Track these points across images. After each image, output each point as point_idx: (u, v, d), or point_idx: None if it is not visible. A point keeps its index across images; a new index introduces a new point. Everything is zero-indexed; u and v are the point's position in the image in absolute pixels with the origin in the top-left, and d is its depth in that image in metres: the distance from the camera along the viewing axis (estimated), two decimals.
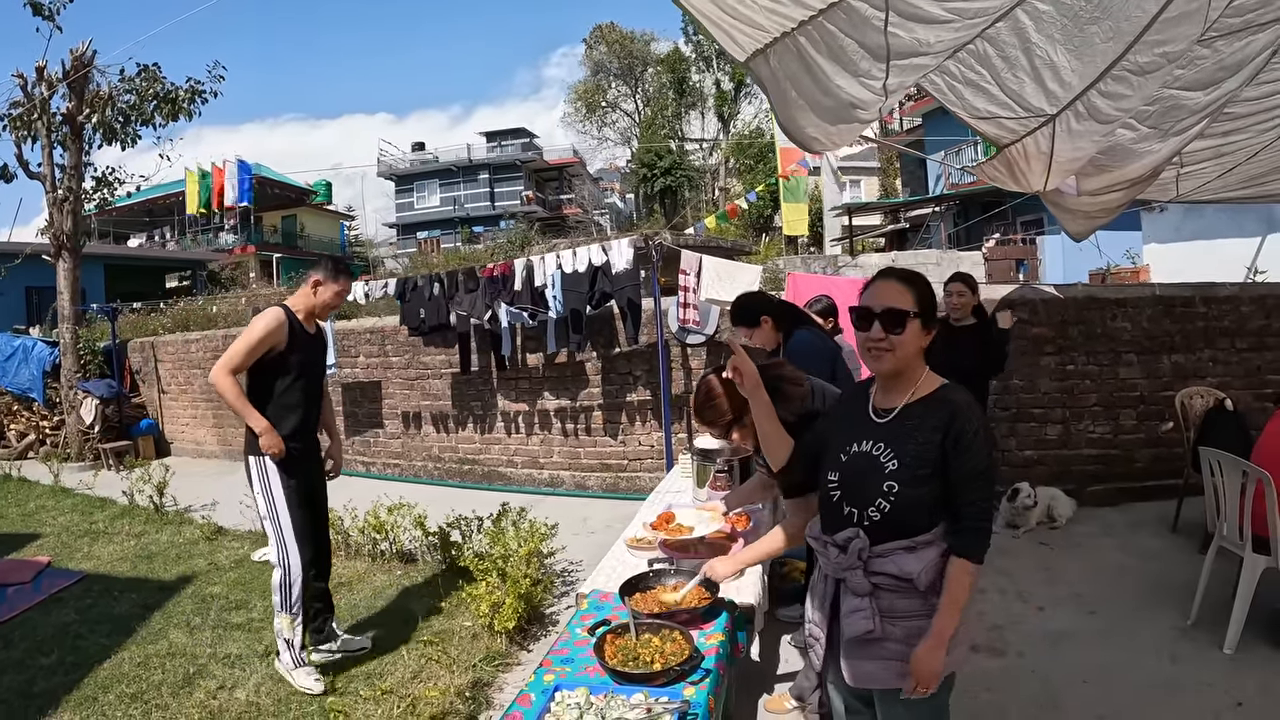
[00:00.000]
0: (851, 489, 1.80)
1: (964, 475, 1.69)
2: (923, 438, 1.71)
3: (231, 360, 3.34)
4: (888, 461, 1.74)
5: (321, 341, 3.71)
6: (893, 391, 1.82)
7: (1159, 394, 5.37)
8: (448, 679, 3.32)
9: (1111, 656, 3.28)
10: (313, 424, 3.63)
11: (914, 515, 1.73)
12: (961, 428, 1.70)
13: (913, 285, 1.80)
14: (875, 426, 1.81)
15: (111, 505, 7.06)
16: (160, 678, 3.56)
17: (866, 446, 1.79)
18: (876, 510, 1.74)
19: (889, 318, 1.74)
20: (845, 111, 3.15)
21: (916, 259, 12.92)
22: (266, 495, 3.39)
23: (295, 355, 3.44)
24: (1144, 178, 4.26)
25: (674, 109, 36.43)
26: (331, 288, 3.51)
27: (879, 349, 1.75)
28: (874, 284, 1.83)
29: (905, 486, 1.71)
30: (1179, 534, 4.64)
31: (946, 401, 1.76)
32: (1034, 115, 3.46)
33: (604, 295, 5.77)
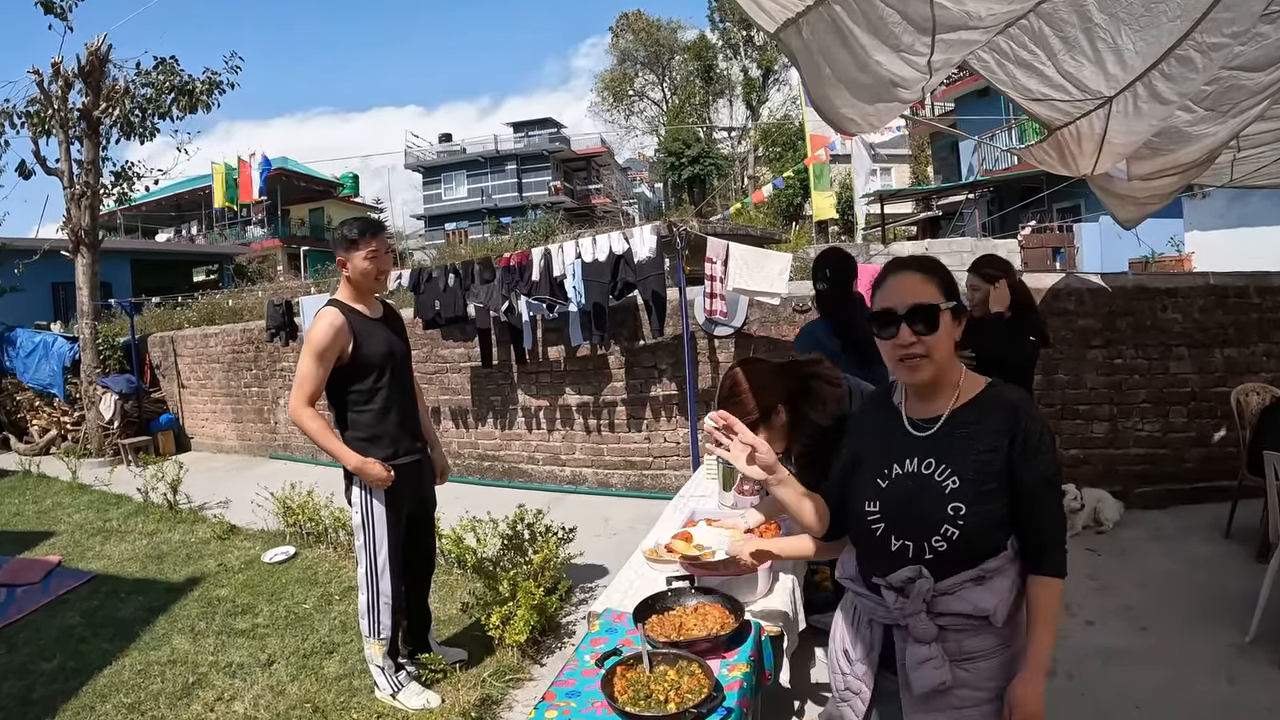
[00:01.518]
0: (901, 519, 1.54)
1: (1036, 483, 1.48)
2: (984, 446, 1.49)
3: (303, 387, 2.96)
4: (946, 480, 1.49)
5: (395, 322, 3.28)
6: (932, 398, 1.59)
7: (1211, 390, 5.06)
8: (454, 695, 3.19)
9: (1164, 677, 3.04)
10: (413, 423, 3.24)
11: (984, 539, 1.50)
12: (1028, 429, 1.49)
13: (934, 274, 1.57)
14: (919, 441, 1.56)
15: (127, 502, 7.08)
16: (159, 687, 3.50)
17: (913, 466, 1.54)
18: (942, 539, 1.48)
19: (918, 317, 1.51)
20: (885, 90, 2.89)
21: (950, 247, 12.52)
22: (366, 523, 3.07)
23: (368, 349, 3.04)
24: (1199, 162, 3.96)
25: (701, 97, 36.04)
26: (358, 255, 3.03)
27: (913, 356, 1.52)
28: (888, 281, 1.58)
29: (973, 506, 1.47)
30: (1232, 540, 4.34)
31: (1002, 401, 1.54)
32: (1090, 98, 3.18)
33: (626, 285, 5.52)
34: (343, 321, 2.99)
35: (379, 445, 3.06)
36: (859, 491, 1.63)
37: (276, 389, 8.87)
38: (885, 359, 1.57)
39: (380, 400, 3.08)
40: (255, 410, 9.20)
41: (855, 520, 1.64)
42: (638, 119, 39.25)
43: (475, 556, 3.83)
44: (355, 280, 3.09)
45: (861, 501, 1.61)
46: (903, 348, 1.52)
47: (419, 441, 3.27)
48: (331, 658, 3.66)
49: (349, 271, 3.07)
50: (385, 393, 3.09)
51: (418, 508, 3.31)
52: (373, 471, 2.98)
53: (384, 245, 3.13)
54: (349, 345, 3.00)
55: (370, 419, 3.07)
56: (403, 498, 3.14)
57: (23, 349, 10.44)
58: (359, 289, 3.12)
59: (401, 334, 3.29)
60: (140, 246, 21.39)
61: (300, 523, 5.50)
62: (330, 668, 3.56)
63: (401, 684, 3.18)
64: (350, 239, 3.05)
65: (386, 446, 3.08)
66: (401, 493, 3.12)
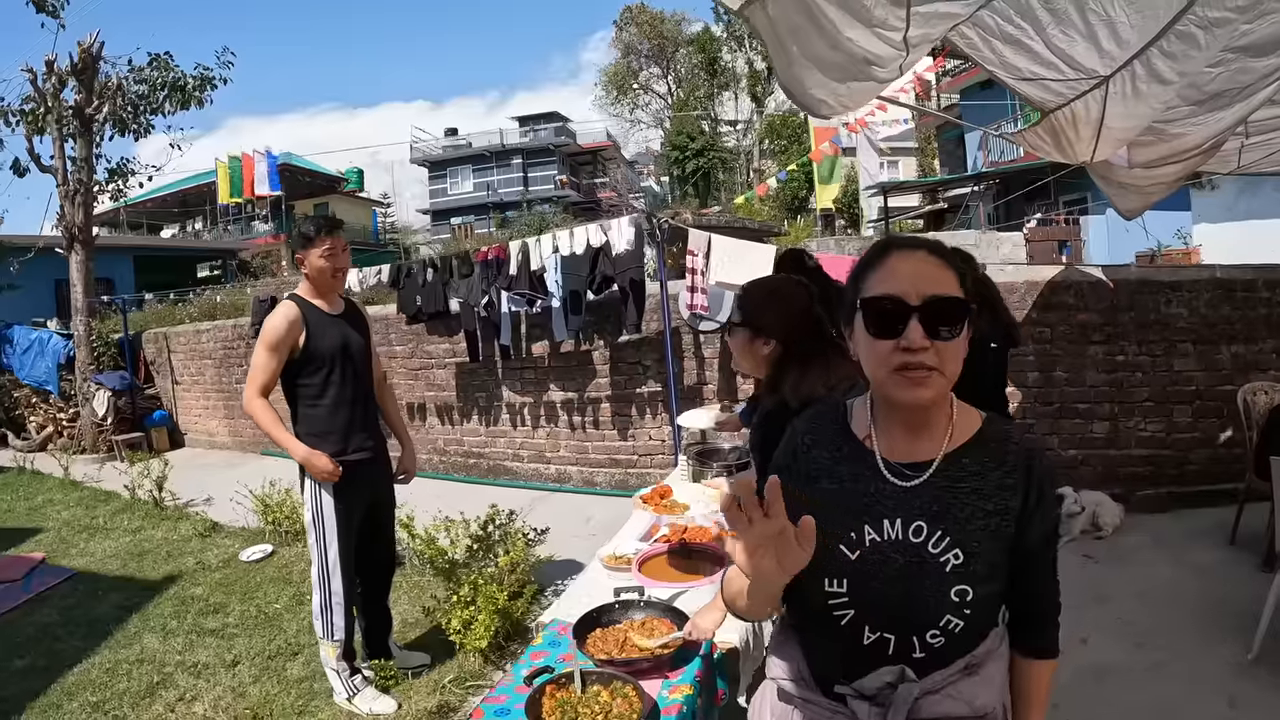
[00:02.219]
0: (883, 607, 1.15)
1: (1037, 545, 1.18)
2: (992, 505, 1.14)
3: (256, 378, 2.95)
4: (945, 553, 1.12)
5: (355, 319, 3.22)
6: (919, 434, 1.18)
7: (1217, 388, 4.84)
8: (411, 701, 3.10)
9: (1159, 697, 2.84)
10: (367, 419, 3.18)
11: (985, 623, 1.19)
12: (1043, 484, 1.16)
13: (951, 261, 1.16)
14: (902, 495, 1.16)
15: (115, 499, 7.08)
16: (125, 685, 3.50)
17: (896, 531, 1.15)
18: (940, 634, 1.13)
19: (940, 313, 1.09)
20: (858, 69, 2.72)
21: (955, 239, 12.32)
22: (317, 520, 3.03)
23: (319, 343, 3.00)
24: (1204, 149, 3.76)
25: (706, 90, 35.83)
26: (314, 252, 3.00)
27: (919, 369, 1.08)
28: (890, 261, 1.15)
29: (981, 586, 1.12)
30: (1238, 547, 4.12)
31: (1011, 444, 1.18)
32: (1085, 77, 3.00)
33: (606, 279, 5.40)
34: (297, 314, 2.98)
35: (328, 441, 3.01)
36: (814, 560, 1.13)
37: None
38: (872, 368, 1.14)
39: (332, 395, 3.04)
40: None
41: (807, 600, 1.21)
42: (643, 112, 39.10)
43: (444, 558, 3.73)
44: (312, 277, 3.06)
45: (818, 576, 1.16)
46: (909, 353, 1.08)
47: (372, 440, 3.19)
48: (295, 659, 3.63)
49: (306, 269, 3.05)
50: (337, 388, 3.05)
51: (373, 507, 3.24)
52: (318, 463, 2.92)
53: (340, 244, 3.09)
54: (301, 338, 2.97)
55: (321, 414, 3.03)
56: (354, 495, 3.08)
57: (19, 346, 10.48)
58: (317, 286, 3.08)
59: (362, 331, 3.23)
60: (143, 243, 21.42)
61: (278, 520, 5.44)
62: (293, 670, 3.52)
63: (357, 688, 3.13)
64: (307, 236, 3.03)
65: (336, 442, 3.02)
66: (352, 490, 3.06)
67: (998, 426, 1.22)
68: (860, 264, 1.22)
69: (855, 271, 1.21)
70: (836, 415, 1.29)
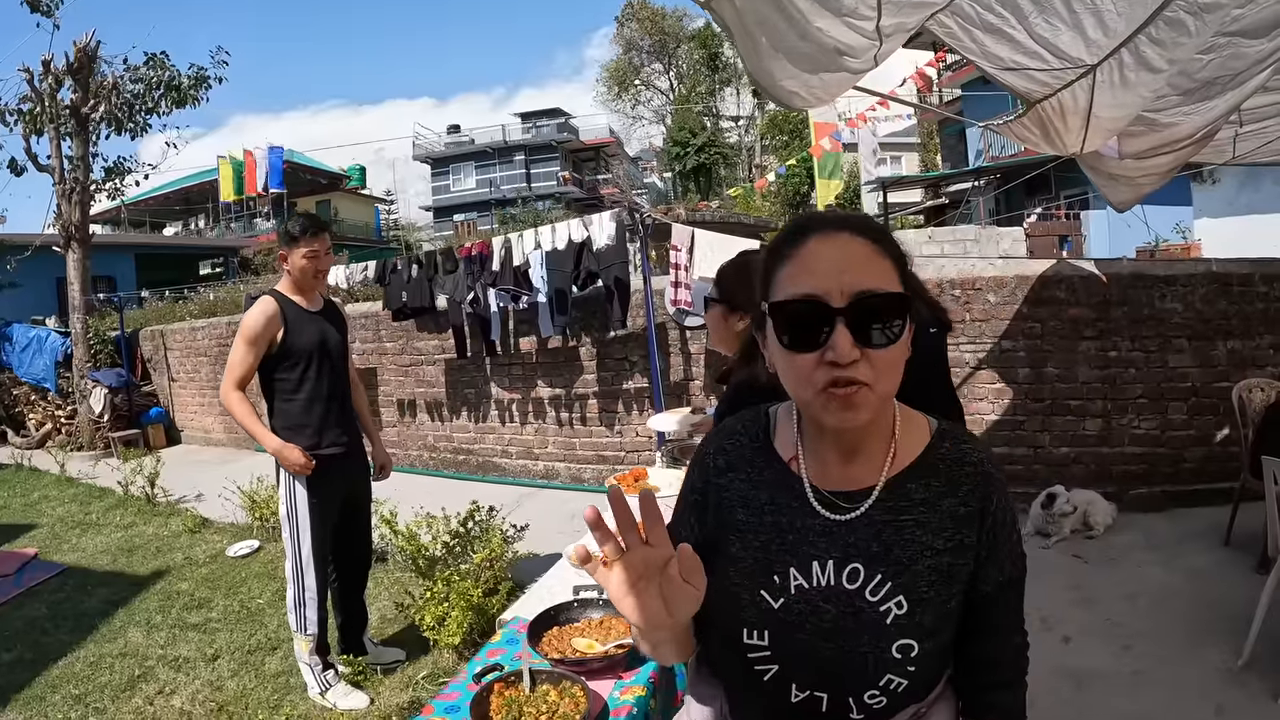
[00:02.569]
0: (811, 664, 0.96)
1: (997, 589, 0.98)
2: (942, 541, 0.94)
3: (231, 372, 2.99)
4: (885, 600, 0.93)
5: (334, 317, 3.27)
6: (854, 455, 0.98)
7: (1213, 385, 4.74)
8: (384, 699, 3.11)
9: (1145, 704, 2.76)
10: (342, 415, 3.21)
11: (933, 677, 1.02)
12: (1000, 510, 0.97)
13: (885, 243, 0.93)
14: (835, 529, 0.96)
15: (109, 496, 7.11)
16: (107, 679, 3.55)
17: (825, 574, 0.95)
18: (881, 694, 0.95)
19: (872, 314, 0.87)
20: (829, 59, 2.65)
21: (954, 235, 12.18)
22: (291, 514, 3.06)
23: (297, 339, 3.04)
24: (1197, 138, 3.67)
25: (708, 85, 35.70)
26: (298, 252, 3.05)
27: (849, 384, 0.86)
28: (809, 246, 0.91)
29: (929, 640, 0.94)
30: (1232, 548, 4.04)
31: (964, 462, 0.98)
32: (1071, 66, 2.92)
33: (590, 275, 5.36)
34: (275, 309, 3.01)
35: (302, 435, 3.04)
36: (730, 606, 0.99)
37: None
38: (792, 386, 0.92)
39: (307, 391, 3.07)
40: None
41: (726, 650, 1.03)
42: (645, 108, 38.99)
43: (423, 554, 3.72)
44: (294, 276, 3.10)
45: (737, 625, 0.99)
46: (837, 368, 0.86)
47: (346, 435, 3.22)
48: (274, 654, 3.66)
49: (289, 267, 3.09)
50: (313, 384, 3.08)
51: (348, 502, 3.26)
52: (290, 456, 2.95)
53: (324, 246, 3.15)
54: (279, 333, 3.01)
55: (296, 408, 3.06)
56: (328, 490, 3.11)
57: (18, 344, 10.53)
58: (298, 284, 3.12)
59: (340, 329, 3.27)
60: (145, 240, 21.52)
61: (265, 516, 5.46)
62: (271, 664, 3.56)
63: (330, 683, 3.16)
64: (292, 236, 3.07)
65: (310, 436, 3.05)
66: (326, 484, 3.09)
67: (950, 444, 1.00)
68: (769, 251, 0.97)
69: (764, 263, 0.98)
70: (755, 430, 1.07)
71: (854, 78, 2.84)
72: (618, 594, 0.85)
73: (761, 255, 1.03)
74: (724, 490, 1.04)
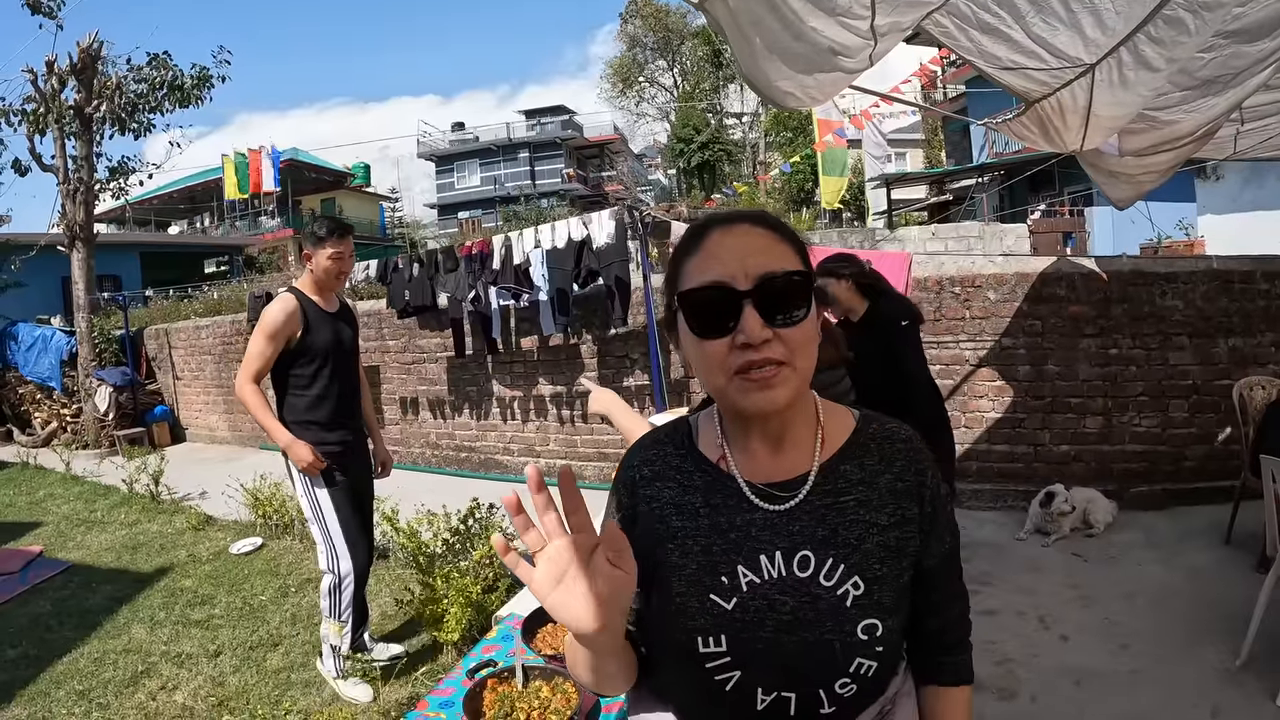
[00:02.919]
0: (776, 662, 0.93)
1: (938, 561, 1.01)
2: (886, 517, 0.96)
3: (248, 365, 3.04)
4: (841, 583, 0.93)
5: (348, 317, 3.35)
6: (782, 444, 0.97)
7: (1214, 382, 4.72)
8: (384, 695, 3.14)
9: (1141, 704, 2.75)
10: (352, 412, 3.31)
11: (896, 658, 1.02)
12: (935, 482, 1.00)
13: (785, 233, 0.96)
14: (777, 520, 0.95)
15: (114, 494, 7.13)
16: (110, 675, 3.57)
17: (776, 566, 0.94)
18: (853, 681, 0.93)
19: (779, 294, 0.88)
20: (823, 60, 2.65)
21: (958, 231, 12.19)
22: (310, 498, 3.14)
23: (315, 337, 3.10)
24: (1197, 136, 3.66)
25: (711, 82, 35.59)
26: (323, 253, 3.11)
27: (767, 364, 0.87)
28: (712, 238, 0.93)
29: (891, 617, 0.94)
30: (1233, 546, 4.03)
31: (895, 438, 1.01)
32: (1069, 65, 2.91)
33: (591, 273, 5.37)
34: (296, 307, 3.07)
35: (309, 430, 3.09)
36: (678, 617, 0.96)
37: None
38: (708, 376, 0.92)
39: (318, 388, 3.13)
40: None
41: (679, 664, 0.98)
42: (649, 105, 38.91)
43: (424, 551, 3.74)
44: (317, 276, 3.15)
45: (689, 635, 0.94)
46: (749, 349, 0.87)
47: (352, 434, 3.29)
48: (276, 650, 3.70)
49: (312, 266, 3.14)
50: (324, 382, 3.14)
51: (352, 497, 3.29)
52: (300, 451, 3.00)
53: (349, 249, 3.22)
54: (298, 330, 3.06)
55: (305, 404, 3.12)
56: (340, 480, 3.17)
57: (24, 343, 10.59)
58: (319, 285, 3.18)
59: (353, 330, 3.36)
60: (149, 239, 21.60)
61: (268, 514, 5.49)
62: (273, 660, 3.59)
63: (347, 672, 3.22)
64: (318, 236, 3.12)
65: (317, 431, 3.11)
66: (337, 476, 3.16)
67: (876, 425, 1.03)
68: (675, 251, 0.98)
69: (671, 262, 0.99)
70: (678, 438, 1.06)
71: (849, 77, 2.84)
72: (543, 589, 0.78)
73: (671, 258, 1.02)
74: (654, 501, 1.01)
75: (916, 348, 3.33)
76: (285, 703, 3.13)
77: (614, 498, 1.08)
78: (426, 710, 1.83)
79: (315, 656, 3.43)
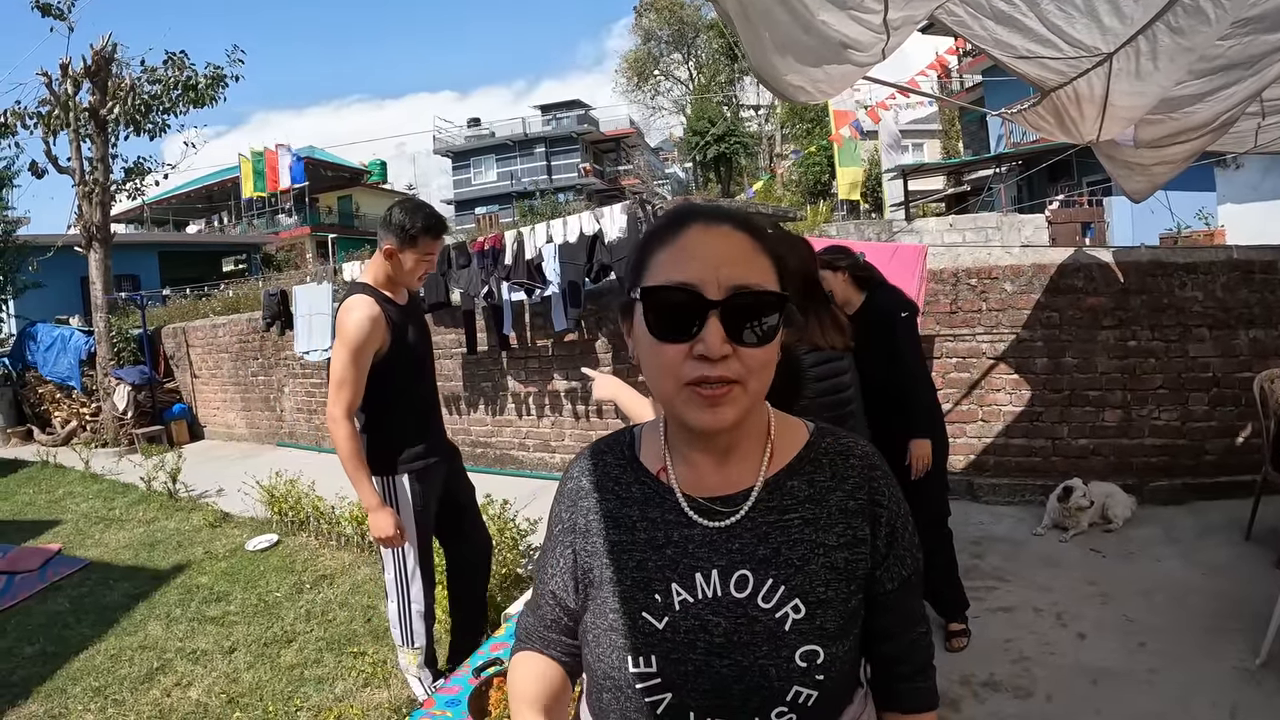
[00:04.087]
0: (708, 688, 0.88)
1: (897, 587, 0.94)
2: (837, 537, 0.91)
3: (342, 391, 2.58)
4: (780, 605, 0.88)
5: (418, 309, 2.99)
6: (727, 457, 0.93)
7: (1235, 375, 4.63)
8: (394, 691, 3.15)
9: (1158, 704, 2.70)
10: (439, 419, 2.98)
11: (845, 687, 0.96)
12: (893, 503, 0.94)
13: (763, 238, 0.90)
14: (716, 537, 0.91)
15: (133, 491, 7.21)
16: (126, 671, 3.61)
17: (711, 585, 0.89)
18: (790, 710, 0.88)
19: (747, 311, 0.83)
20: (834, 53, 2.61)
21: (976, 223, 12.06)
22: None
23: (405, 343, 2.74)
24: (1214, 126, 3.59)
25: (727, 75, 35.41)
26: (412, 254, 2.69)
27: (721, 382, 0.83)
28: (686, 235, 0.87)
29: (834, 644, 0.89)
30: (1254, 542, 3.94)
31: (848, 455, 0.95)
32: (1086, 54, 2.85)
33: (604, 267, 5.35)
34: (379, 312, 2.65)
35: (406, 449, 2.78)
36: (606, 636, 0.93)
37: (281, 377, 8.91)
38: (657, 379, 0.88)
39: (411, 398, 2.80)
40: (262, 399, 9.25)
41: (607, 685, 0.94)
42: (664, 98, 38.81)
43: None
44: (396, 274, 2.75)
45: (618, 654, 0.91)
46: (705, 363, 0.82)
47: (443, 440, 2.99)
48: (290, 646, 3.72)
49: (394, 263, 2.72)
50: (418, 390, 2.84)
51: (450, 508, 3.03)
52: (383, 523, 2.64)
53: (440, 248, 2.89)
54: (387, 340, 2.67)
55: (400, 420, 2.78)
56: (430, 499, 2.88)
57: (43, 343, 10.73)
58: (395, 281, 2.78)
59: (424, 325, 3.02)
60: (167, 239, 21.85)
61: (284, 511, 5.53)
62: (287, 656, 3.61)
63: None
64: (411, 234, 2.69)
65: (416, 447, 2.80)
66: (429, 494, 2.86)
67: (831, 439, 0.97)
68: (647, 236, 0.93)
69: (640, 247, 0.93)
70: (620, 448, 1.02)
71: (860, 71, 2.79)
72: None
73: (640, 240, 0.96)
74: (591, 513, 0.98)
75: (915, 339, 3.29)
76: (297, 699, 3.18)
77: (555, 509, 1.05)
78: (433, 709, 1.83)
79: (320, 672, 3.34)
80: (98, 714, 3.24)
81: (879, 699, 1.02)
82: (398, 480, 2.76)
